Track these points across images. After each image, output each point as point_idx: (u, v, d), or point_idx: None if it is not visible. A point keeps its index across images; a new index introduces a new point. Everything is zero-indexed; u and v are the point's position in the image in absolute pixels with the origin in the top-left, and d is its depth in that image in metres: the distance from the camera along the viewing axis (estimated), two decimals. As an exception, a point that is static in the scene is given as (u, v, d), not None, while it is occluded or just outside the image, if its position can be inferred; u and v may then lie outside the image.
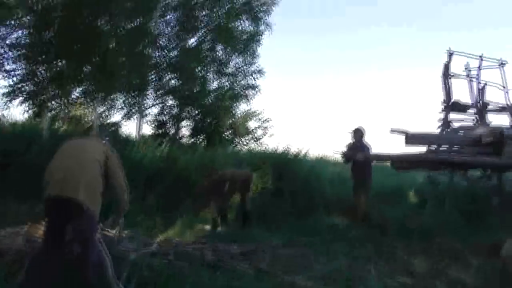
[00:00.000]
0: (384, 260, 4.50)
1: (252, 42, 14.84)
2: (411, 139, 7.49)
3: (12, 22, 9.62)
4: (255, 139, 14.49)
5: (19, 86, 10.22)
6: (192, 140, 14.95)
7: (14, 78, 10.21)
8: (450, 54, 10.22)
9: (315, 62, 52.29)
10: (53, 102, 11.04)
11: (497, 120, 11.73)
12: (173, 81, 14.31)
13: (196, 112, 14.34)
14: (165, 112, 14.92)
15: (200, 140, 14.49)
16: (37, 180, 7.39)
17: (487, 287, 3.97)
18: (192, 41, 14.28)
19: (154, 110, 14.84)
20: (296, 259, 4.27)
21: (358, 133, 7.47)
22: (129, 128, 15.45)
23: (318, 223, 6.18)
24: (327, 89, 50.25)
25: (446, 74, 10.11)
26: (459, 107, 10.01)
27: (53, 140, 9.99)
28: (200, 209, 7.12)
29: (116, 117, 14.91)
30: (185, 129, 15.36)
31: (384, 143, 26.84)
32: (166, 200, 7.02)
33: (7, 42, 9.75)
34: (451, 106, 9.89)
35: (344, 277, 3.82)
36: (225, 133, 14.32)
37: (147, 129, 15.36)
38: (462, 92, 15.10)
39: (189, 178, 7.59)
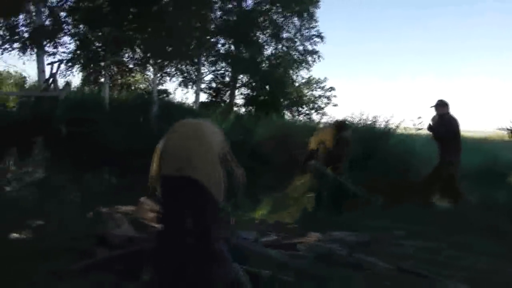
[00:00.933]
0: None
1: (311, 4, 13.75)
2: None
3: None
4: (317, 109, 13.68)
5: (78, 52, 9.86)
6: (245, 109, 14.48)
7: (72, 45, 9.87)
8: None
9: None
10: (111, 68, 10.65)
11: None
12: (226, 46, 13.72)
13: (251, 79, 13.67)
14: (218, 79, 14.43)
15: (254, 109, 13.94)
16: (112, 150, 7.39)
17: None
18: (249, 2, 13.38)
19: (207, 77, 14.41)
20: (434, 255, 3.62)
21: (443, 106, 6.32)
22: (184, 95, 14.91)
23: (418, 208, 5.43)
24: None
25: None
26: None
27: (114, 108, 9.80)
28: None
29: (169, 84, 14.62)
30: (239, 97, 14.91)
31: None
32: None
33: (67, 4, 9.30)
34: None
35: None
36: (284, 102, 13.57)
37: (203, 97, 14.87)
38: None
39: (268, 151, 7.00)
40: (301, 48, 13.98)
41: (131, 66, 12.11)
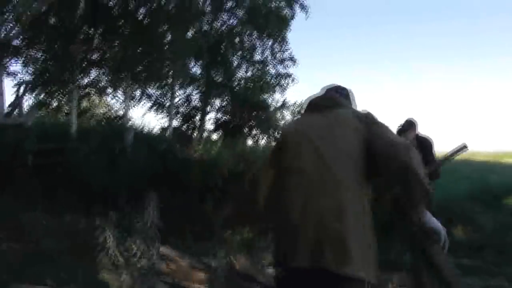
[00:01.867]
0: None
1: (283, 26, 13.55)
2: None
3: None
4: None
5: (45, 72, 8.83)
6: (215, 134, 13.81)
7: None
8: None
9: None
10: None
11: None
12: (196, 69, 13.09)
13: (225, 101, 13.10)
14: (188, 104, 13.68)
15: (225, 134, 13.31)
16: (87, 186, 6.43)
17: None
18: (220, 23, 12.91)
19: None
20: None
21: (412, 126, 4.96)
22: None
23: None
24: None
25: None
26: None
27: (84, 137, 8.75)
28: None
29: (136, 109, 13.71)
30: (210, 123, 14.22)
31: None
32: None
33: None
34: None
35: None
36: (257, 128, 13.07)
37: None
38: None
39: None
40: (273, 71, 13.75)
41: (95, 88, 11.24)
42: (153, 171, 6.69)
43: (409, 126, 4.92)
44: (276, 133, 13.11)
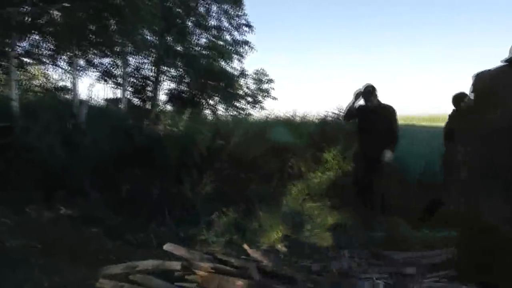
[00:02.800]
0: None
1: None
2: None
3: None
4: (254, 103, 12.85)
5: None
6: (171, 106, 13.05)
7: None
8: None
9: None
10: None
11: None
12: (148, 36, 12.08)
13: (180, 70, 12.32)
14: (138, 74, 12.69)
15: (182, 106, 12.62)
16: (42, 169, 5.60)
17: None
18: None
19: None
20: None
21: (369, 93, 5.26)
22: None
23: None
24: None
25: None
26: None
27: (29, 114, 7.71)
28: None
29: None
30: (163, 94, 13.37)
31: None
32: (230, 188, 5.54)
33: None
34: None
35: None
36: (215, 96, 12.53)
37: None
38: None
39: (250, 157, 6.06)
40: (229, 38, 13.12)
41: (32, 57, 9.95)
42: (118, 150, 6.08)
43: (371, 92, 5.07)
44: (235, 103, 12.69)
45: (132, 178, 5.54)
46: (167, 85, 13.29)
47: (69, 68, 9.42)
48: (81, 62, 10.36)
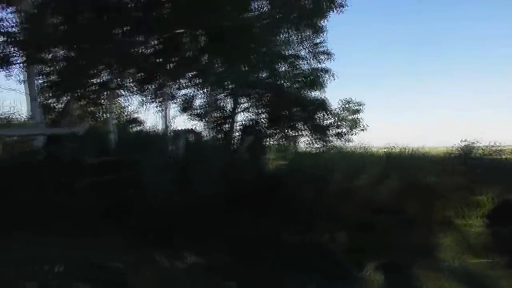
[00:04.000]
0: None
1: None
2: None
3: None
4: (338, 135, 11.81)
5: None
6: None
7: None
8: None
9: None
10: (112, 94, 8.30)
11: None
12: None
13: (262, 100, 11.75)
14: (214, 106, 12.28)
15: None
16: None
17: None
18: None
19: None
20: None
21: None
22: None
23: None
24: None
25: None
26: None
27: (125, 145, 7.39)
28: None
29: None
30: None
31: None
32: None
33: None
34: None
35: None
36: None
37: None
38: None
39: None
40: (305, 67, 12.45)
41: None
42: (233, 189, 5.42)
43: None
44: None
45: (255, 222, 4.85)
46: (241, 116, 12.80)
47: (160, 98, 9.12)
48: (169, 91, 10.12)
